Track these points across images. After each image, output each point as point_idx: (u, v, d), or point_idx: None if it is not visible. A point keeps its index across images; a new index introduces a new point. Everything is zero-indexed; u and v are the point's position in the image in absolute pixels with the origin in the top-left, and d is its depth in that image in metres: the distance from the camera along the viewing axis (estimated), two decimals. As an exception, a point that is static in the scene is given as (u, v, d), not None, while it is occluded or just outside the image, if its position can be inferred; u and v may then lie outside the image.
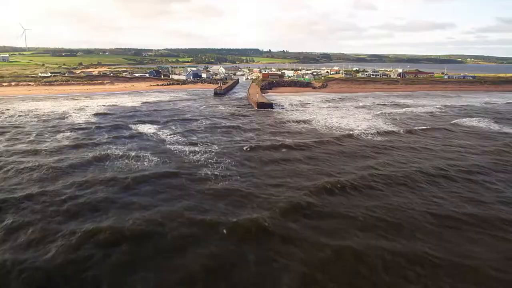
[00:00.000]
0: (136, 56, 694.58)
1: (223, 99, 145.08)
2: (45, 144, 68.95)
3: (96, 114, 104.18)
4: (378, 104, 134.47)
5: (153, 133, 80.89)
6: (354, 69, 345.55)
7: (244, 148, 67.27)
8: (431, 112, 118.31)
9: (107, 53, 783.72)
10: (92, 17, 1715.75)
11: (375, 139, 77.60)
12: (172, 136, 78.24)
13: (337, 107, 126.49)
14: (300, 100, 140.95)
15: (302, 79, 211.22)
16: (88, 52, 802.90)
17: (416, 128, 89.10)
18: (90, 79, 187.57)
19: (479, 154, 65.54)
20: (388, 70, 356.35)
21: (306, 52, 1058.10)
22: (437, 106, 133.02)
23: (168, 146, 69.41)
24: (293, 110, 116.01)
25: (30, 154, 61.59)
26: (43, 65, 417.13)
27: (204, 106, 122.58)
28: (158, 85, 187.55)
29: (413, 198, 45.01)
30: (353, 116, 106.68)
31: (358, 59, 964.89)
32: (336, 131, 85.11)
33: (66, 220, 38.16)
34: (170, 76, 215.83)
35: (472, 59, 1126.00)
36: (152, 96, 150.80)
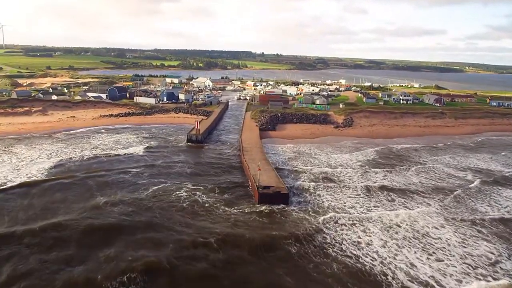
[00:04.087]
0: (117, 58, 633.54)
1: (199, 156, 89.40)
2: None
3: None
4: (465, 179, 79.94)
5: None
6: (367, 84, 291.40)
7: None
8: None
9: (88, 53, 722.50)
10: (81, 13, 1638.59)
11: None
12: None
13: (400, 189, 71.75)
14: (327, 163, 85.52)
15: (313, 106, 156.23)
16: (69, 51, 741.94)
17: None
18: (14, 104, 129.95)
19: None
20: (407, 86, 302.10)
21: (300, 56, 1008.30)
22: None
23: None
24: (321, 205, 60.76)
25: None
26: (1, 68, 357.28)
27: (155, 188, 66.08)
28: (111, 115, 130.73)
29: None
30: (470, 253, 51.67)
31: (356, 65, 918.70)
32: None
33: None
34: (135, 98, 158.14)
35: (471, 67, 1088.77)
36: (87, 144, 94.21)
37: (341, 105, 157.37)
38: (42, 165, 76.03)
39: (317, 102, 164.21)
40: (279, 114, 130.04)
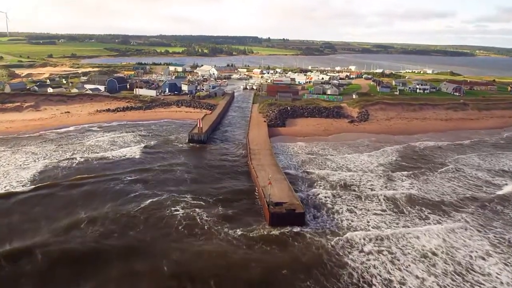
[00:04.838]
0: (121, 45, 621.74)
1: (201, 158, 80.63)
2: None
3: None
4: (504, 187, 70.30)
5: None
6: (378, 70, 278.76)
7: None
8: None
9: (92, 40, 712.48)
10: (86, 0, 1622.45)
11: None
12: None
13: (430, 202, 62.55)
14: (344, 167, 76.19)
15: (324, 97, 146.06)
16: (72, 38, 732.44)
17: None
18: (4, 99, 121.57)
19: None
20: (419, 72, 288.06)
21: (307, 41, 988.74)
22: None
23: None
24: (341, 226, 51.65)
25: None
26: (1, 57, 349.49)
27: (148, 202, 57.33)
28: (109, 110, 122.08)
29: None
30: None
31: (363, 50, 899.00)
32: None
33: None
34: (135, 90, 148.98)
35: (481, 51, 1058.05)
36: (79, 145, 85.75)
37: (354, 96, 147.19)
38: (24, 173, 67.94)
39: (328, 92, 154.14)
40: (288, 108, 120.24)
